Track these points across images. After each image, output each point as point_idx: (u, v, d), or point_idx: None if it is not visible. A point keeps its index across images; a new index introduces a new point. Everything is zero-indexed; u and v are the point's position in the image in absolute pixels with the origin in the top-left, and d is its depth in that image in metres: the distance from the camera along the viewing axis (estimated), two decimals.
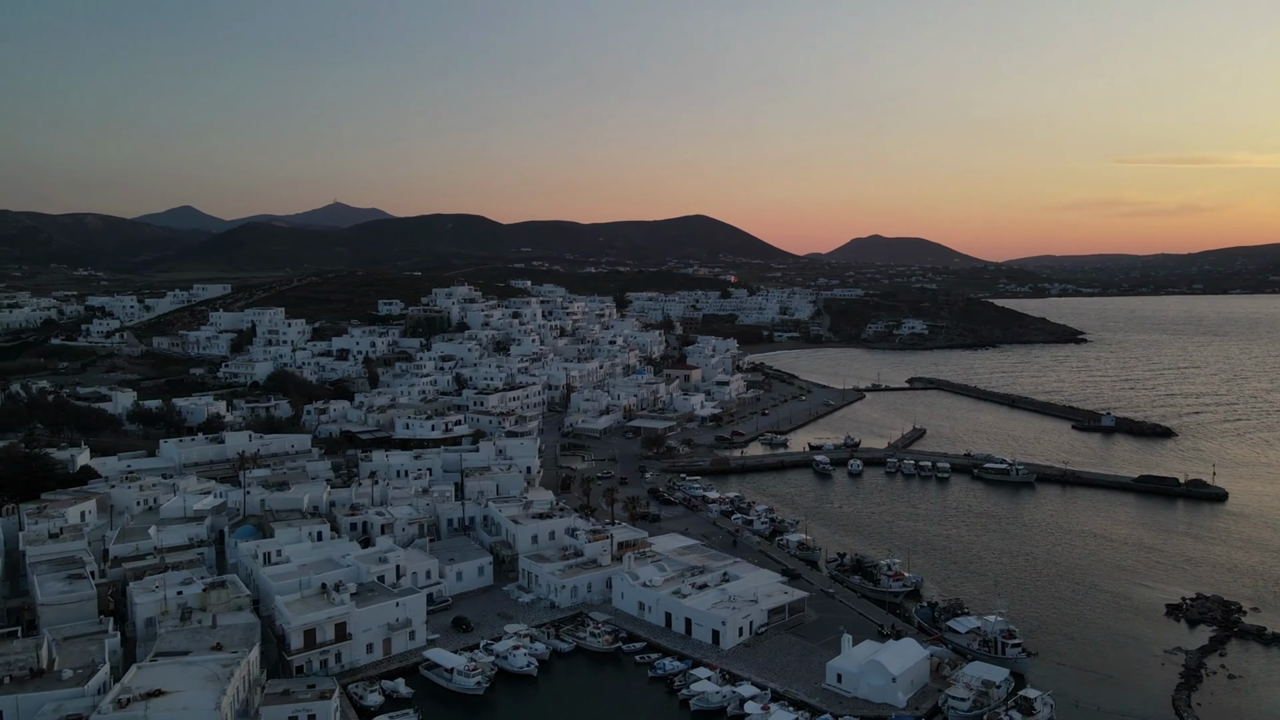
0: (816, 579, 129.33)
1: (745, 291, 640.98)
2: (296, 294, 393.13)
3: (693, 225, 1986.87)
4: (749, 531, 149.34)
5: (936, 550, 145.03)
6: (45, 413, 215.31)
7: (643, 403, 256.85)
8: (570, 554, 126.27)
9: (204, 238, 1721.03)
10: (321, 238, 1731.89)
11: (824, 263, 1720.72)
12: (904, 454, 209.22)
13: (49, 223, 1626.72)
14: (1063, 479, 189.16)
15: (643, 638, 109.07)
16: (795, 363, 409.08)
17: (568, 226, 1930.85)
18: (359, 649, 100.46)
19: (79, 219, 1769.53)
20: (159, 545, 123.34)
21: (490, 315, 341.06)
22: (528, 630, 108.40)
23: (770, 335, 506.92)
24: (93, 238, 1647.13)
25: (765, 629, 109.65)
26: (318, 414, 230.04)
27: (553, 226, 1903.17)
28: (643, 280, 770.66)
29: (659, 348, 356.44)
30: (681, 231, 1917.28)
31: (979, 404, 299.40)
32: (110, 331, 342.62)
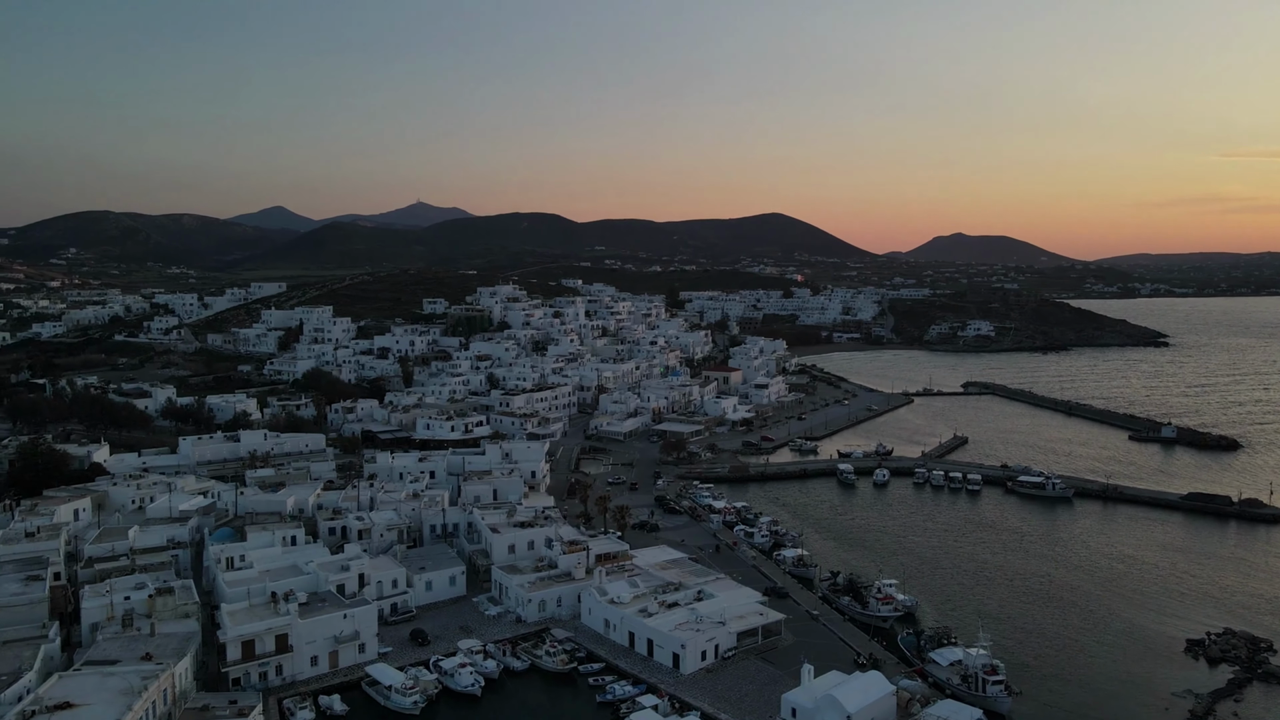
0: (806, 599, 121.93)
1: (809, 291, 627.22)
2: (347, 292, 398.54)
3: (768, 223, 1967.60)
4: (746, 545, 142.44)
5: (946, 570, 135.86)
6: (83, 409, 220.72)
7: (673, 405, 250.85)
8: (544, 566, 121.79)
9: (290, 237, 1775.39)
10: (401, 236, 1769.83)
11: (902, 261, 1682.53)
12: (936, 464, 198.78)
13: (148, 223, 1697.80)
14: (1104, 494, 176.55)
15: (603, 658, 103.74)
16: (849, 365, 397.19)
17: (642, 225, 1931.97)
18: (302, 662, 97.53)
19: (176, 219, 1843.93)
20: (135, 546, 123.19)
21: (531, 315, 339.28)
22: (481, 646, 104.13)
23: (829, 336, 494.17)
24: (188, 237, 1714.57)
25: (733, 653, 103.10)
26: (344, 413, 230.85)
27: (627, 225, 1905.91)
28: (708, 279, 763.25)
29: (704, 348, 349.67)
30: (757, 230, 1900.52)
31: (1034, 411, 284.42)
32: (169, 328, 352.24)
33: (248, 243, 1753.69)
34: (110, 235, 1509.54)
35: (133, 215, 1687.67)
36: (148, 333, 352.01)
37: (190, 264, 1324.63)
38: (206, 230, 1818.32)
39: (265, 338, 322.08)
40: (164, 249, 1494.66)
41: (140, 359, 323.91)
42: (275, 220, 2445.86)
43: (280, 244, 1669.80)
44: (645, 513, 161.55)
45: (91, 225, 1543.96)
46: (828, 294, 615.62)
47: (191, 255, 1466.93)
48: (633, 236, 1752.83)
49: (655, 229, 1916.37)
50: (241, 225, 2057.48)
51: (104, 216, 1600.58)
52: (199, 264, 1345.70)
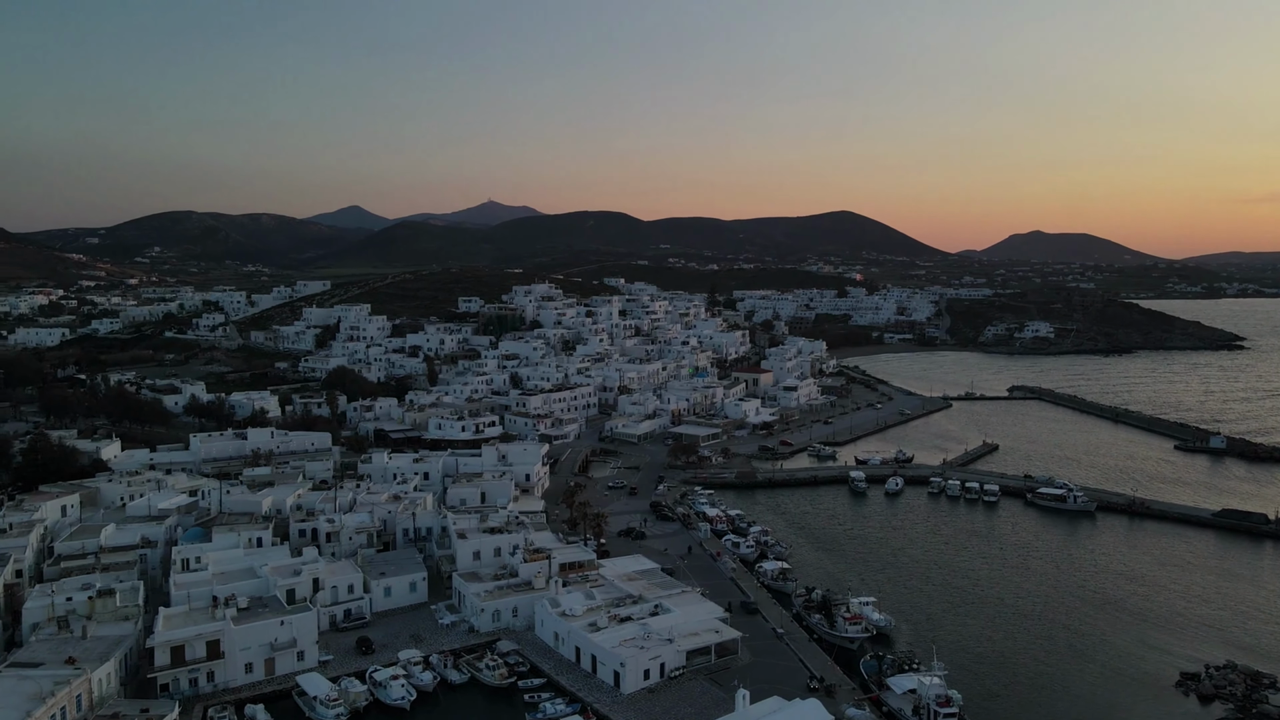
0: (777, 615, 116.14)
1: (864, 291, 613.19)
2: (388, 291, 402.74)
3: (837, 222, 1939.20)
4: (729, 556, 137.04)
5: (935, 587, 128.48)
6: (109, 404, 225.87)
7: (694, 407, 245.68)
8: (506, 574, 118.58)
9: (363, 236, 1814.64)
10: (469, 234, 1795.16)
11: (974, 260, 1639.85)
12: (955, 473, 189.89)
13: (228, 222, 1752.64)
14: (1129, 509, 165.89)
15: (546, 674, 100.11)
16: (895, 367, 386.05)
17: (709, 223, 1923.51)
18: (235, 669, 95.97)
19: (255, 219, 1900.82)
20: (105, 545, 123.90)
21: (564, 314, 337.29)
22: (422, 657, 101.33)
23: (880, 337, 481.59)
24: (266, 236, 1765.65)
25: (681, 673, 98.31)
26: (363, 411, 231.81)
27: (693, 223, 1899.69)
28: (764, 278, 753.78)
29: (740, 349, 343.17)
30: (824, 228, 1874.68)
31: (1079, 418, 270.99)
32: (215, 325, 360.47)
33: (322, 241, 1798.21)
34: (192, 234, 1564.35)
35: (214, 215, 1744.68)
36: (195, 330, 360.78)
37: (266, 262, 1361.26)
38: (284, 229, 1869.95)
39: (304, 335, 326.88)
40: (242, 247, 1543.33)
41: (186, 355, 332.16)
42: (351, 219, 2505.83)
43: (352, 242, 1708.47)
44: (637, 519, 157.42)
45: (175, 225, 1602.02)
46: (882, 294, 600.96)
47: (268, 254, 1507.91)
48: (698, 235, 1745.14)
49: (721, 227, 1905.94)
50: (318, 224, 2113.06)
51: (187, 216, 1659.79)
52: (275, 262, 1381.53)
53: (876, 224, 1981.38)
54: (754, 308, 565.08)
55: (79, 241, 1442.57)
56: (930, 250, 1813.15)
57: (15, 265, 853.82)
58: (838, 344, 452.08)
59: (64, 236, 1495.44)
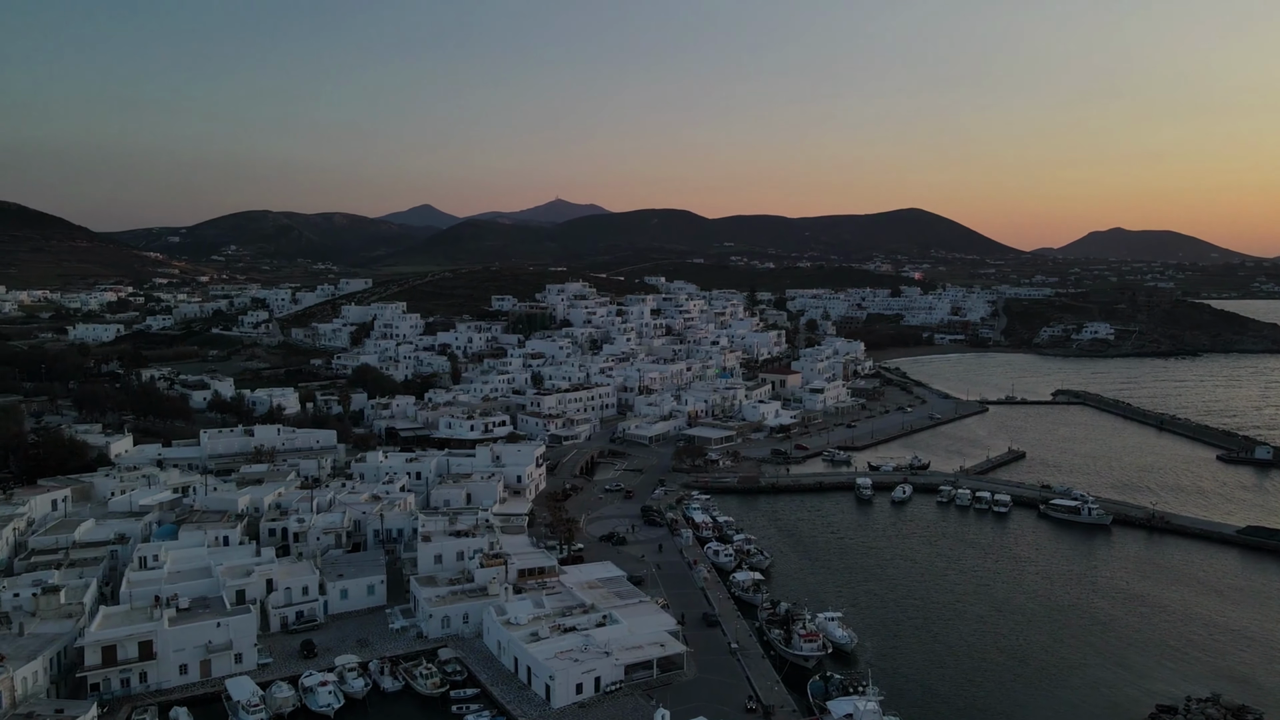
0: (738, 629, 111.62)
1: (919, 290, 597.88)
2: (426, 288, 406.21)
3: (905, 219, 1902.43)
4: (703, 565, 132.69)
5: (916, 602, 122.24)
6: (136, 400, 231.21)
7: (713, 409, 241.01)
8: (463, 579, 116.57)
9: (431, 234, 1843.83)
10: (534, 233, 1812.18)
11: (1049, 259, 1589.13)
12: (970, 481, 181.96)
13: (302, 221, 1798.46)
14: (1148, 523, 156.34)
15: (482, 684, 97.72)
16: (939, 369, 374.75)
17: (774, 221, 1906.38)
18: (169, 670, 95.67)
19: (328, 218, 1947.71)
20: (77, 540, 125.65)
21: (594, 313, 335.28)
22: (358, 663, 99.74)
23: (930, 338, 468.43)
24: (338, 235, 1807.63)
25: (618, 687, 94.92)
26: (379, 409, 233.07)
27: (758, 221, 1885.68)
28: (820, 277, 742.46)
29: (773, 349, 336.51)
30: (892, 226, 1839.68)
31: (1122, 424, 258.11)
32: (258, 323, 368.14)
33: (392, 239, 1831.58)
34: (267, 233, 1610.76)
35: (289, 214, 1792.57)
36: (240, 326, 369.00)
37: (337, 260, 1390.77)
38: (356, 228, 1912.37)
39: (340, 332, 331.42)
40: (315, 246, 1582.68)
41: (229, 351, 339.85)
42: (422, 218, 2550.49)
43: (420, 240, 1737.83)
44: (625, 524, 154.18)
45: (251, 224, 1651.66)
46: (937, 293, 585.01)
47: (339, 252, 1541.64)
48: (763, 232, 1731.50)
49: (786, 225, 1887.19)
50: (389, 223, 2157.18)
51: (263, 216, 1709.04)
52: (345, 260, 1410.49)
53: (946, 221, 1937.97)
54: (804, 307, 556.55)
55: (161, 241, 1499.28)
56: (1003, 248, 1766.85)
57: (96, 263, 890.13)
58: (885, 345, 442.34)
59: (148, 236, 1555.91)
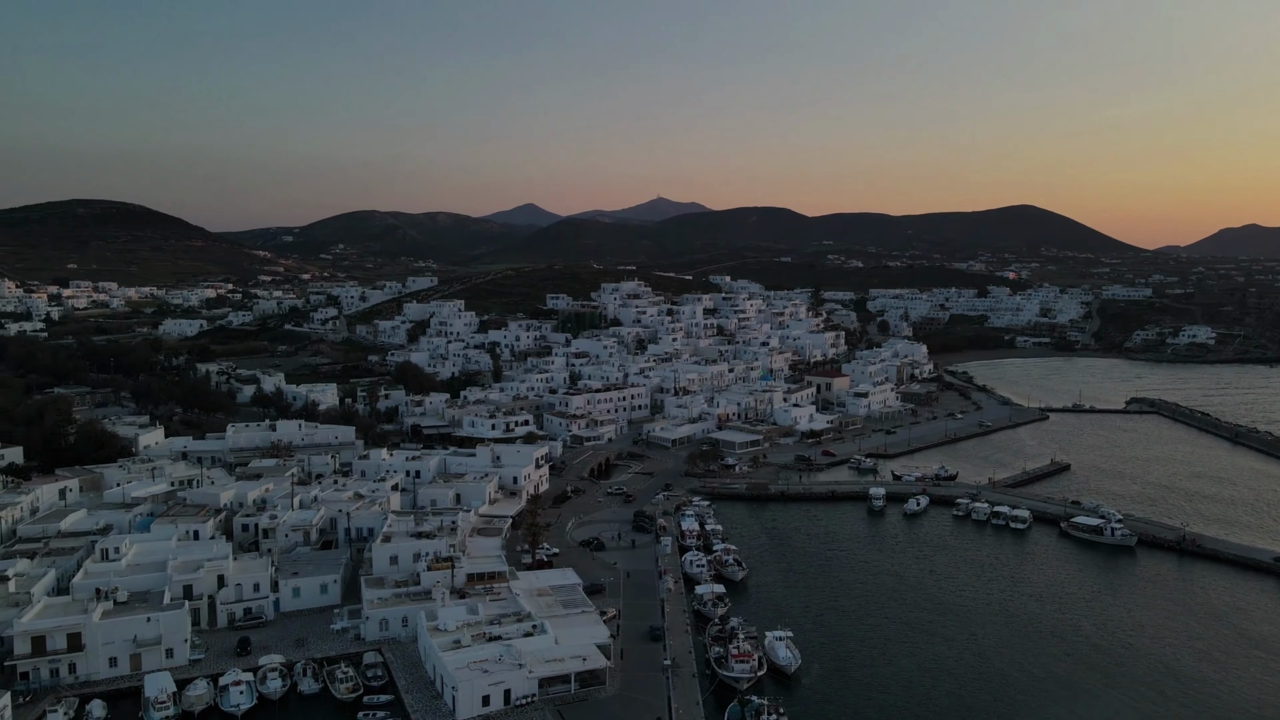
0: (681, 644, 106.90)
1: (1008, 290, 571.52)
2: (488, 287, 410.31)
3: (1015, 216, 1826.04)
4: (670, 576, 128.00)
5: (889, 623, 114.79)
6: (183, 393, 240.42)
7: (746, 411, 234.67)
8: (411, 581, 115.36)
9: (530, 232, 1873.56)
10: (631, 231, 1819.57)
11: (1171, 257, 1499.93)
12: (993, 494, 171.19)
13: (407, 221, 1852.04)
14: (1178, 545, 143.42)
15: (399, 691, 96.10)
16: (1013, 373, 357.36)
17: (875, 218, 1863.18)
18: (98, 662, 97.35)
19: (432, 217, 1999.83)
20: (64, 529, 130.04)
21: (644, 312, 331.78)
22: (280, 663, 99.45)
23: (1012, 340, 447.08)
24: (441, 234, 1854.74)
25: (529, 701, 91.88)
26: (412, 406, 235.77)
27: (859, 219, 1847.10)
28: (910, 276, 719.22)
29: (829, 351, 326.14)
30: (1001, 223, 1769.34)
31: (1194, 436, 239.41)
32: (326, 319, 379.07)
33: (492, 238, 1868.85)
34: (373, 232, 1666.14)
35: (395, 214, 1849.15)
36: (310, 323, 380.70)
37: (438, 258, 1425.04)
38: (459, 227, 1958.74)
39: (397, 330, 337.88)
40: (418, 244, 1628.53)
41: (296, 347, 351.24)
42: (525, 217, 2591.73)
43: (519, 239, 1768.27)
44: (612, 529, 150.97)
45: (359, 224, 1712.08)
46: (1026, 294, 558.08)
47: (441, 250, 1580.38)
48: (863, 230, 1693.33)
49: (889, 222, 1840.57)
50: (490, 222, 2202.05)
51: (370, 216, 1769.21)
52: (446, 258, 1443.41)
53: (1059, 218, 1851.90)
54: (884, 307, 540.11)
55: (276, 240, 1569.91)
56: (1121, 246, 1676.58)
57: (208, 261, 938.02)
58: (962, 347, 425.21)
59: (265, 235, 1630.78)
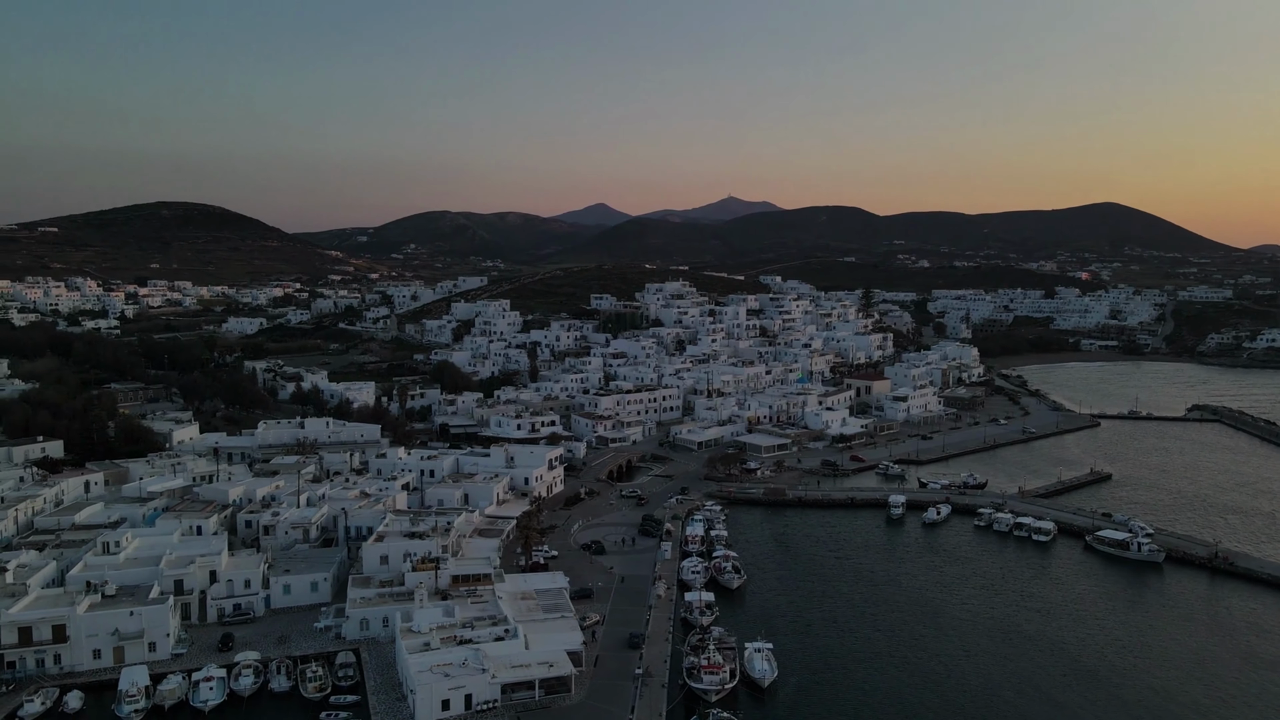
0: (658, 653, 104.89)
1: (1077, 291, 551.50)
2: (535, 287, 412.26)
3: (1097, 214, 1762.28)
4: (663, 583, 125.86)
5: (882, 635, 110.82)
6: (223, 389, 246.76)
7: (778, 414, 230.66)
8: (396, 581, 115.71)
9: (598, 232, 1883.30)
10: (700, 230, 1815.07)
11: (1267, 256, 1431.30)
12: (1019, 504, 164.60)
13: (478, 221, 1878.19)
14: (1209, 563, 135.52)
15: (367, 692, 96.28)
16: (1071, 377, 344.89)
17: (950, 217, 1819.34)
18: (82, 653, 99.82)
19: (502, 217, 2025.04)
20: (77, 522, 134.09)
21: (685, 313, 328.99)
22: (255, 660, 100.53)
23: (1077, 343, 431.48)
24: (511, 233, 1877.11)
25: (491, 707, 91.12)
26: (446, 405, 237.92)
27: (932, 217, 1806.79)
28: (977, 277, 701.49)
29: (874, 353, 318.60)
30: (1082, 221, 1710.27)
31: (1256, 446, 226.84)
32: (378, 318, 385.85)
33: (561, 237, 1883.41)
34: (444, 232, 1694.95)
35: (466, 214, 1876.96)
36: (363, 322, 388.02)
37: (507, 258, 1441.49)
38: (528, 227, 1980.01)
39: (443, 329, 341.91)
40: (487, 244, 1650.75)
41: (347, 345, 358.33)
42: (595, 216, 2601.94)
43: (587, 239, 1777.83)
44: (619, 532, 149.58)
45: (430, 224, 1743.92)
46: (1096, 295, 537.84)
47: (511, 250, 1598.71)
48: (937, 230, 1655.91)
49: (964, 221, 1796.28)
50: (560, 221, 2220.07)
51: (441, 216, 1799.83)
52: (514, 258, 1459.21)
53: (1145, 216, 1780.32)
54: (945, 308, 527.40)
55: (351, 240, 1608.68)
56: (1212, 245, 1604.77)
57: (280, 261, 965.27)
58: (1022, 350, 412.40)
59: (341, 236, 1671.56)
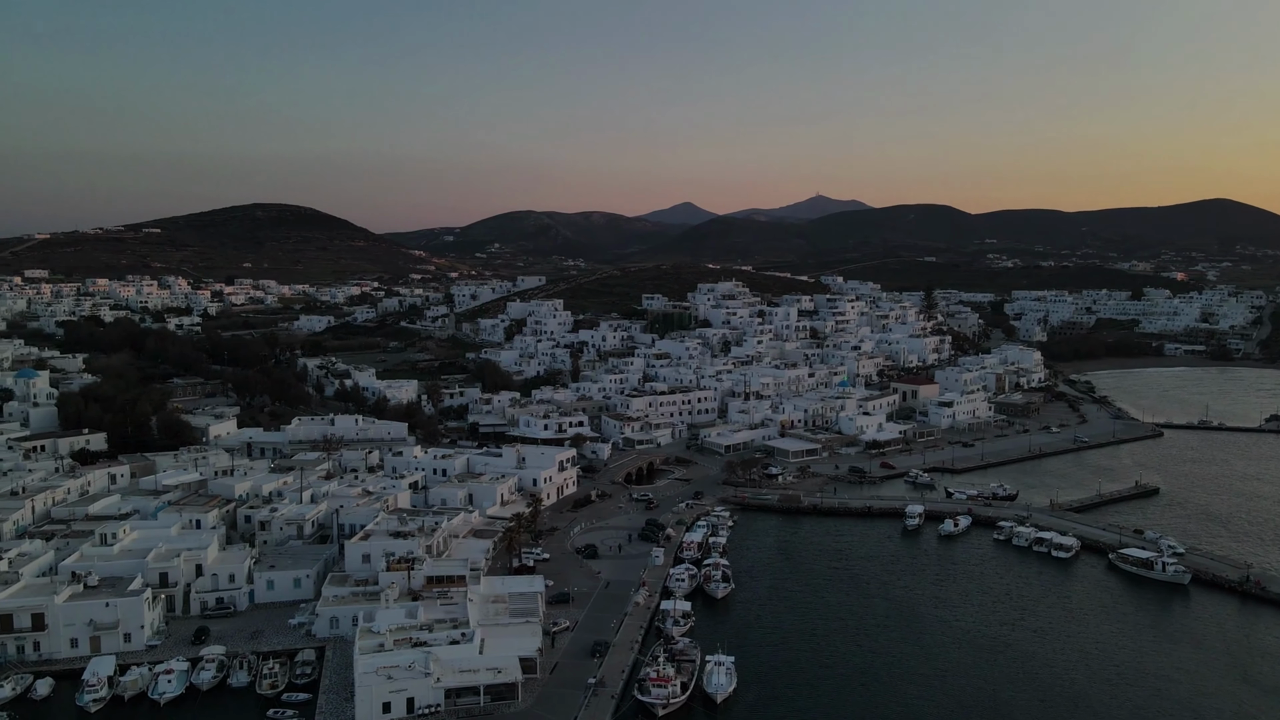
0: (615, 662, 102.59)
1: (1167, 293, 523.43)
2: (590, 286, 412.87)
3: (1205, 211, 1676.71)
4: (644, 590, 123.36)
5: (860, 652, 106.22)
6: (271, 386, 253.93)
7: (813, 419, 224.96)
8: (371, 581, 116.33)
9: (681, 231, 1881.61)
10: (785, 229, 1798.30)
11: None
12: (1044, 517, 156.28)
13: (561, 220, 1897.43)
14: (1241, 588, 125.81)
15: (320, 691, 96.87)
16: (1148, 384, 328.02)
17: (1045, 215, 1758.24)
18: (60, 642, 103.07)
19: (586, 216, 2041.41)
20: (90, 514, 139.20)
21: (734, 314, 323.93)
22: (218, 655, 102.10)
23: (1160, 348, 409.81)
24: (595, 233, 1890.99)
25: (433, 711, 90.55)
26: (481, 404, 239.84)
27: (1028, 215, 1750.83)
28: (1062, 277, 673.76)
29: (930, 356, 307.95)
30: (1189, 219, 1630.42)
31: None
32: (437, 317, 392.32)
33: (645, 237, 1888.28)
34: (528, 232, 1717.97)
35: (550, 214, 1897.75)
36: (423, 320, 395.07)
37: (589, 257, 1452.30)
38: (612, 226, 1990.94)
39: (496, 328, 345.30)
40: (571, 243, 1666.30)
41: (405, 343, 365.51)
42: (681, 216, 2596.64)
43: (670, 238, 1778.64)
44: (620, 536, 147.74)
45: (515, 223, 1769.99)
46: (1187, 296, 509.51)
47: (594, 249, 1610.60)
48: (1031, 228, 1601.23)
49: (1060, 220, 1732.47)
50: (645, 221, 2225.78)
51: (526, 216, 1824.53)
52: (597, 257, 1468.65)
53: (1259, 212, 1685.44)
54: (1023, 310, 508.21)
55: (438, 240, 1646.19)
56: None
57: (365, 260, 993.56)
58: (1099, 354, 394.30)
59: (429, 236, 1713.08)
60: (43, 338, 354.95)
